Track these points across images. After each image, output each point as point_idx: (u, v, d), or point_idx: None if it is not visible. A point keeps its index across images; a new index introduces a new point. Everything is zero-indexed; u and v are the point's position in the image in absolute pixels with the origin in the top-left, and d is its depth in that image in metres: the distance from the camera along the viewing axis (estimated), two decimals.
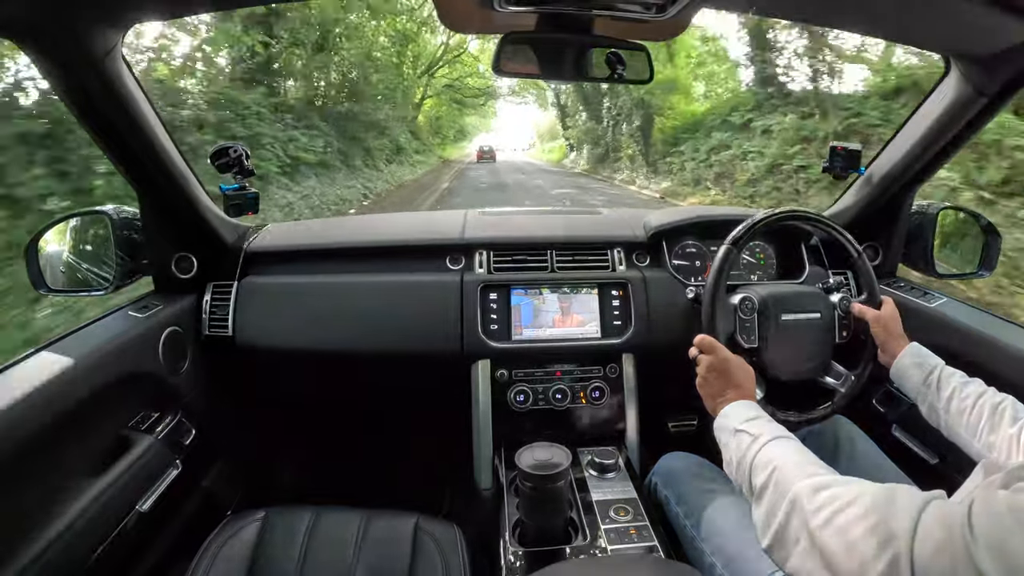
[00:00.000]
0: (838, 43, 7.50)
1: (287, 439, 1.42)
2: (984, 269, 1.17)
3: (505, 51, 0.83)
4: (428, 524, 0.89)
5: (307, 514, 0.90)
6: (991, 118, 0.95)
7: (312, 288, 1.15)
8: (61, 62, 0.74)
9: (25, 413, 0.69)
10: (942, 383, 0.80)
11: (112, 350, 0.87)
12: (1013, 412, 0.71)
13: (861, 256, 1.00)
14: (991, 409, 0.73)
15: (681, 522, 0.86)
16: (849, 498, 0.50)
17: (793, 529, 0.53)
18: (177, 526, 1.04)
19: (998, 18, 0.69)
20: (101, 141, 0.88)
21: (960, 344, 0.99)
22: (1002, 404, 0.72)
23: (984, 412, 0.73)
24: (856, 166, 1.17)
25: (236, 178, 1.06)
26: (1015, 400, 0.72)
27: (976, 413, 0.74)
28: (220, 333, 1.11)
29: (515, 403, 1.11)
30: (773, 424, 0.69)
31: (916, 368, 0.84)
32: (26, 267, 0.96)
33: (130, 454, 0.88)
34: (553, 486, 0.77)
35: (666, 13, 0.75)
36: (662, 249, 1.21)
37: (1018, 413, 0.70)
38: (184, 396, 1.05)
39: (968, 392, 0.76)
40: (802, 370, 0.98)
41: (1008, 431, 0.69)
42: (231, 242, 1.18)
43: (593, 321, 1.13)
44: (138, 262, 1.05)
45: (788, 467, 0.59)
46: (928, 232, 1.18)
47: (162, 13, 0.90)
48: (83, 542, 0.76)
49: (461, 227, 1.24)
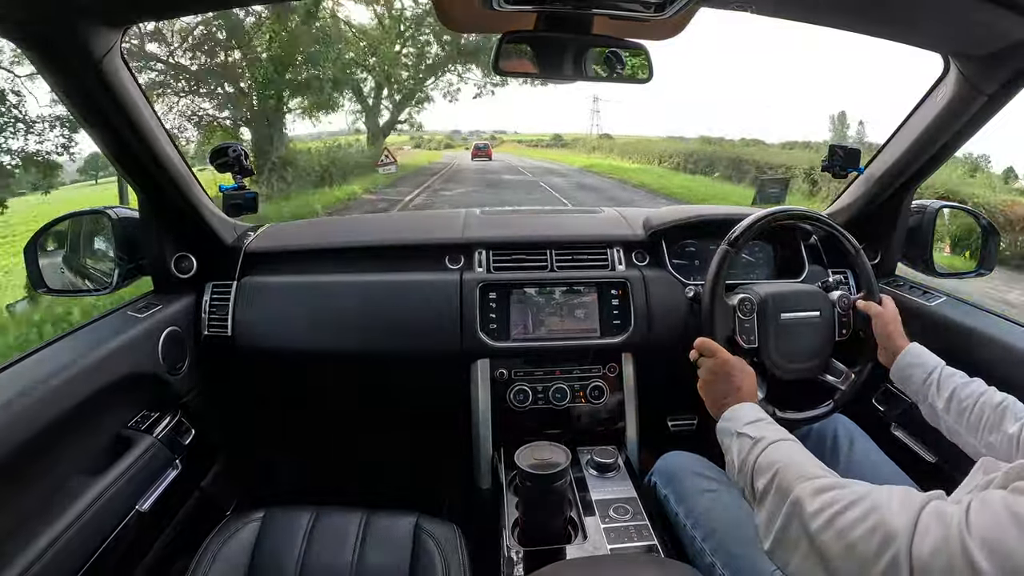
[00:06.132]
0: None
1: (287, 439, 1.42)
2: (983, 268, 1.18)
3: (504, 51, 0.83)
4: (428, 524, 0.89)
5: (307, 514, 0.90)
6: (991, 117, 0.95)
7: (311, 288, 1.15)
8: (60, 62, 0.74)
9: (25, 413, 0.69)
10: (942, 383, 0.80)
11: (112, 350, 0.87)
12: (1014, 411, 0.71)
13: (859, 253, 1.00)
14: (992, 409, 0.73)
15: (681, 521, 0.86)
16: (849, 500, 0.50)
17: (794, 532, 0.54)
18: (177, 526, 1.04)
19: (997, 16, 0.69)
20: (100, 141, 0.88)
21: (960, 343, 0.99)
22: (1003, 403, 0.72)
23: (985, 411, 0.73)
24: (855, 165, 1.18)
25: (235, 178, 1.07)
26: (1016, 400, 0.72)
27: (976, 413, 0.74)
28: (220, 333, 1.11)
29: (515, 402, 1.11)
30: (775, 426, 0.69)
31: (916, 368, 0.84)
32: (26, 267, 0.97)
33: (130, 454, 0.87)
34: (553, 485, 0.77)
35: (665, 13, 0.75)
36: (661, 248, 1.21)
37: (1019, 412, 0.70)
38: (184, 396, 1.04)
39: (968, 392, 0.76)
40: (802, 369, 0.98)
41: (1009, 430, 0.69)
42: (230, 242, 1.18)
43: (592, 320, 1.13)
44: (137, 262, 1.05)
45: (789, 470, 0.59)
46: (927, 231, 1.18)
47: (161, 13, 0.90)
48: (83, 542, 0.76)
49: (460, 226, 1.24)
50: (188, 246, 1.10)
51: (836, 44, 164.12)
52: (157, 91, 10.07)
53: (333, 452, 1.44)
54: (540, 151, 47.12)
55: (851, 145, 1.18)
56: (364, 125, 17.28)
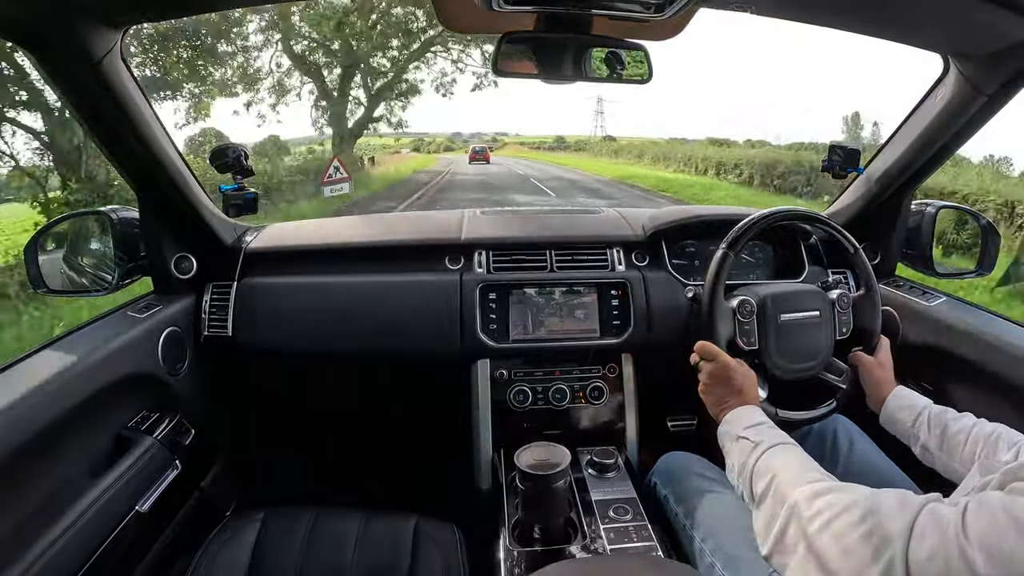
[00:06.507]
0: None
1: (287, 439, 1.42)
2: (983, 269, 1.17)
3: (504, 51, 0.83)
4: (428, 524, 0.89)
5: (307, 514, 0.90)
6: (991, 116, 0.95)
7: (311, 288, 1.15)
8: (60, 62, 0.74)
9: (25, 413, 0.69)
10: (932, 422, 0.80)
11: (112, 351, 0.87)
12: (1007, 440, 0.71)
13: (858, 252, 1.00)
14: (984, 439, 0.73)
15: (681, 522, 0.86)
16: (845, 504, 0.51)
17: (791, 536, 0.54)
18: (177, 526, 1.04)
19: (997, 16, 0.69)
20: (100, 141, 0.88)
21: (960, 344, 0.98)
22: (994, 434, 0.73)
23: (978, 443, 0.73)
24: (855, 165, 1.18)
25: (235, 178, 1.07)
26: (1007, 428, 0.73)
27: (970, 446, 0.74)
28: (219, 333, 1.11)
29: (514, 403, 1.11)
30: (775, 430, 0.70)
31: (904, 412, 0.85)
32: (25, 267, 0.97)
33: (130, 454, 0.87)
34: (552, 486, 0.77)
35: (665, 13, 0.75)
36: (661, 248, 1.21)
37: (1012, 439, 0.71)
38: (183, 396, 1.04)
39: (959, 427, 0.77)
40: (804, 368, 0.97)
41: (1003, 458, 0.69)
42: (230, 242, 1.18)
43: (592, 321, 1.13)
44: (137, 262, 1.05)
45: (787, 474, 0.60)
46: (927, 231, 1.18)
47: (161, 13, 0.90)
48: (83, 542, 0.76)
49: (460, 227, 1.24)
50: (188, 246, 1.10)
51: (845, 44, 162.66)
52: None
53: (333, 452, 1.44)
54: (548, 155, 44.54)
55: (866, 146, 1.17)
56: (329, 125, 14.08)
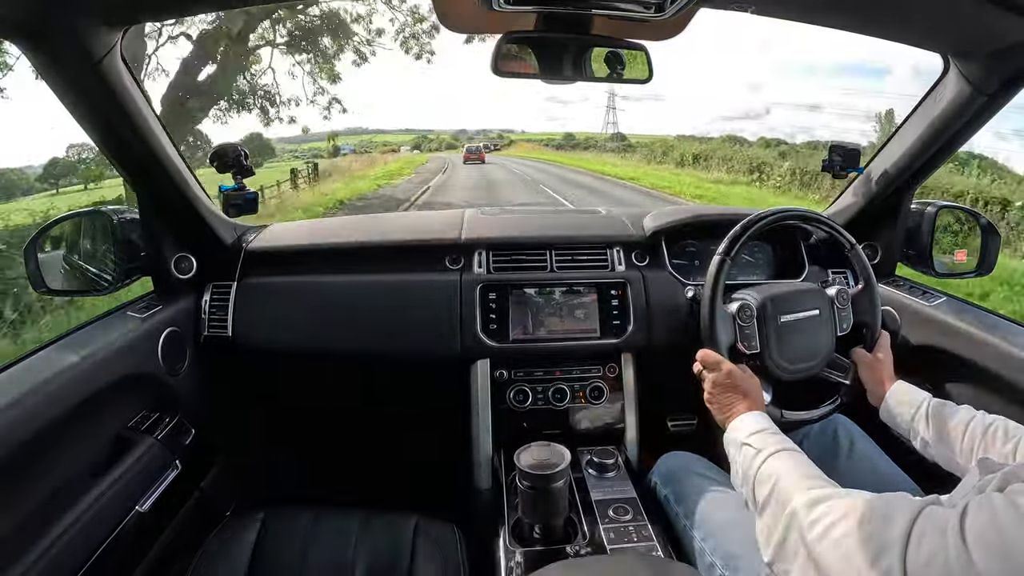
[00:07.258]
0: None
1: (286, 439, 1.42)
2: (983, 269, 1.17)
3: (503, 51, 0.83)
4: (428, 524, 0.89)
5: (306, 514, 0.90)
6: (991, 116, 0.95)
7: (311, 288, 1.15)
8: (60, 62, 0.74)
9: (25, 413, 0.69)
10: (931, 417, 0.80)
11: (112, 351, 0.87)
12: (1005, 431, 0.71)
13: (854, 247, 1.00)
14: (983, 432, 0.73)
15: (681, 522, 0.86)
16: (844, 510, 0.51)
17: (792, 542, 0.54)
18: (176, 526, 1.04)
19: (997, 16, 0.69)
20: (100, 141, 0.88)
21: (959, 343, 0.98)
22: (992, 425, 0.73)
23: (976, 436, 0.74)
24: (855, 165, 1.18)
25: (235, 178, 1.07)
26: (1005, 419, 0.73)
27: (968, 439, 0.74)
28: (219, 334, 1.11)
29: (514, 403, 1.11)
30: (778, 436, 0.70)
31: (903, 407, 0.85)
32: (25, 267, 0.96)
33: (130, 454, 0.88)
34: (552, 486, 0.77)
35: (665, 13, 0.75)
36: (661, 249, 1.21)
37: (1010, 431, 0.71)
38: (183, 396, 1.04)
39: (958, 420, 0.77)
40: (806, 368, 0.97)
41: (1002, 450, 0.70)
42: (230, 242, 1.18)
43: (592, 320, 1.13)
44: (137, 263, 1.05)
45: (788, 480, 0.60)
46: (927, 231, 1.18)
47: (161, 13, 0.90)
48: (83, 542, 0.76)
49: (460, 227, 1.24)
50: (188, 246, 1.10)
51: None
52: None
53: (333, 452, 1.44)
54: (562, 155, 41.90)
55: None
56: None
